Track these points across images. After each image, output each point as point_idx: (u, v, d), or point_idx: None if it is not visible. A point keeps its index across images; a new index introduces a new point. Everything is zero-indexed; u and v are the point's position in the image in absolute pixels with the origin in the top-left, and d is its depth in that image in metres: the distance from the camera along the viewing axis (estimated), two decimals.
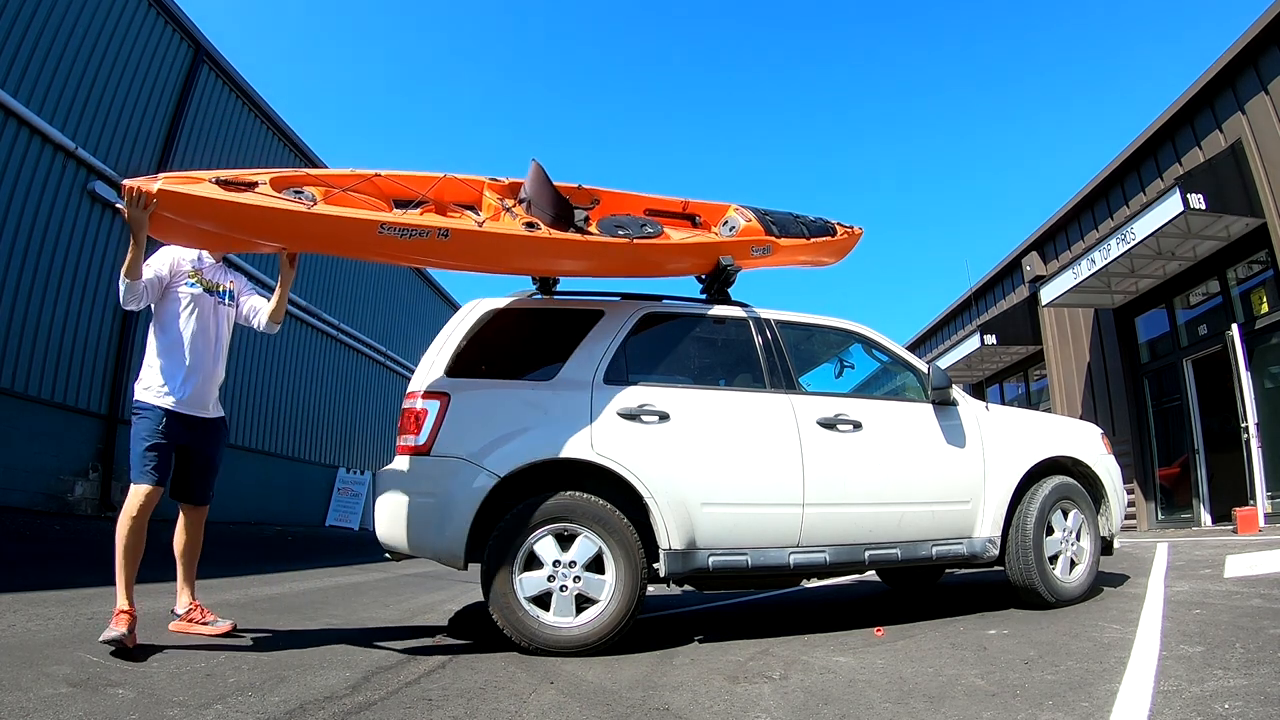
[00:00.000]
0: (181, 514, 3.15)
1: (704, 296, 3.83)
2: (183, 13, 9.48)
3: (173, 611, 3.15)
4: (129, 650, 2.65)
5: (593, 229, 3.32)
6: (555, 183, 3.32)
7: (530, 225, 3.06)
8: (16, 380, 7.38)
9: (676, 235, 3.52)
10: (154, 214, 2.63)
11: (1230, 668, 2.29)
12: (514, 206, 3.23)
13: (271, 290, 3.31)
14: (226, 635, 3.07)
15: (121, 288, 2.86)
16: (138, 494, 2.83)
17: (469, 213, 3.21)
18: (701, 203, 3.91)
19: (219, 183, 2.66)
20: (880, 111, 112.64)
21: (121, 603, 2.73)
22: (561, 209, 3.19)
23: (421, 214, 3.00)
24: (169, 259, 3.02)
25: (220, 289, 3.18)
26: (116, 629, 2.64)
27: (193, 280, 3.07)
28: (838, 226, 4.25)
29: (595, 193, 3.56)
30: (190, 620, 3.11)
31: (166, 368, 2.97)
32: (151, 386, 2.96)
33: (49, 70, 7.61)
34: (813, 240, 4.01)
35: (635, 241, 3.26)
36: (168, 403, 2.94)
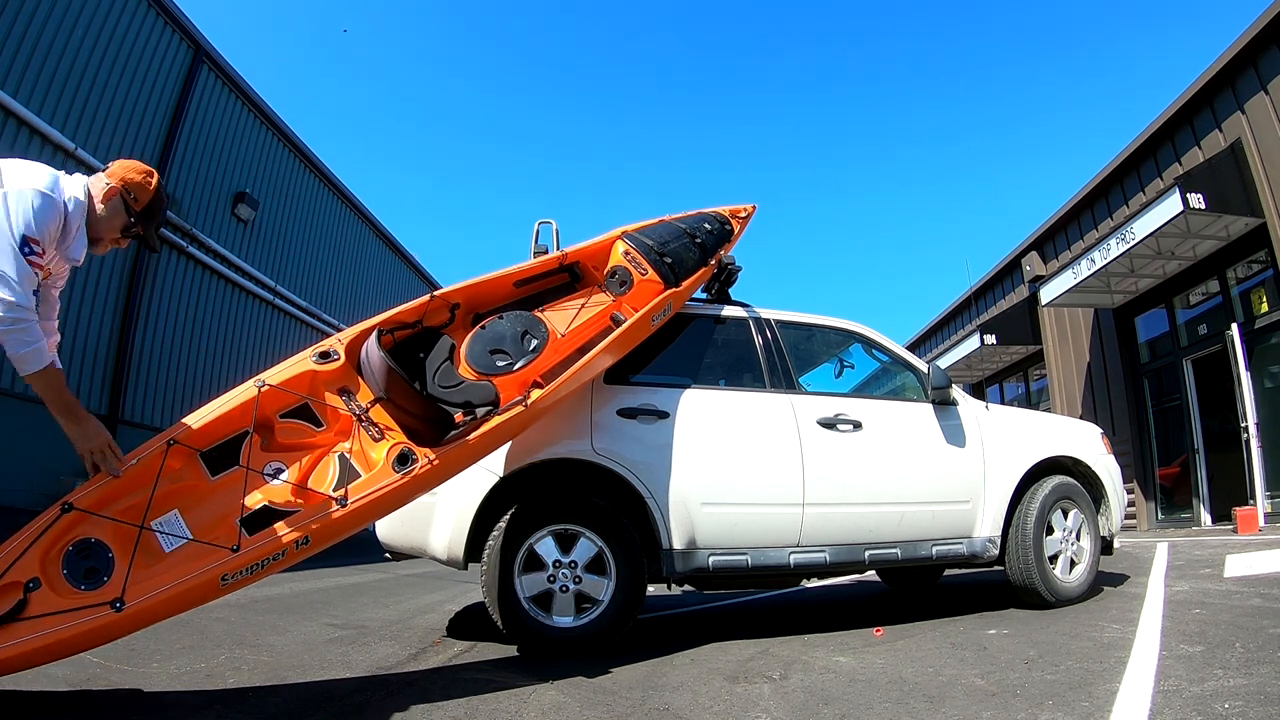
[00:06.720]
0: None
1: (705, 296, 3.84)
2: (183, 13, 9.48)
3: None
4: None
5: (462, 366, 2.71)
6: (401, 309, 2.82)
7: (403, 460, 2.38)
8: (17, 380, 7.37)
9: (560, 322, 2.98)
10: None
11: (1230, 667, 2.29)
12: (369, 409, 2.57)
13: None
14: None
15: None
16: None
17: (315, 431, 2.59)
18: (581, 247, 3.38)
19: None
20: (879, 111, 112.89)
21: None
22: (428, 410, 2.54)
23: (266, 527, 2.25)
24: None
25: None
26: None
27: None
28: (733, 220, 3.98)
29: (451, 296, 2.97)
30: None
31: None
32: None
33: (49, 70, 7.60)
34: (712, 263, 3.66)
35: (531, 404, 2.62)
36: None
